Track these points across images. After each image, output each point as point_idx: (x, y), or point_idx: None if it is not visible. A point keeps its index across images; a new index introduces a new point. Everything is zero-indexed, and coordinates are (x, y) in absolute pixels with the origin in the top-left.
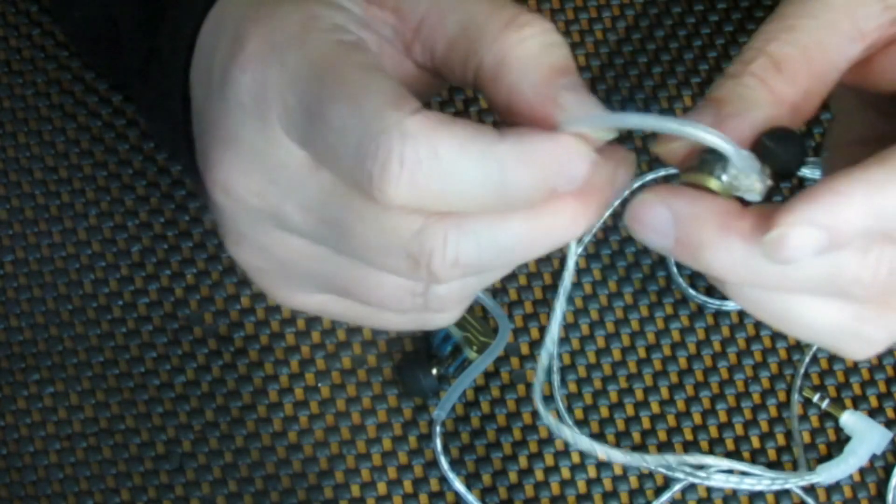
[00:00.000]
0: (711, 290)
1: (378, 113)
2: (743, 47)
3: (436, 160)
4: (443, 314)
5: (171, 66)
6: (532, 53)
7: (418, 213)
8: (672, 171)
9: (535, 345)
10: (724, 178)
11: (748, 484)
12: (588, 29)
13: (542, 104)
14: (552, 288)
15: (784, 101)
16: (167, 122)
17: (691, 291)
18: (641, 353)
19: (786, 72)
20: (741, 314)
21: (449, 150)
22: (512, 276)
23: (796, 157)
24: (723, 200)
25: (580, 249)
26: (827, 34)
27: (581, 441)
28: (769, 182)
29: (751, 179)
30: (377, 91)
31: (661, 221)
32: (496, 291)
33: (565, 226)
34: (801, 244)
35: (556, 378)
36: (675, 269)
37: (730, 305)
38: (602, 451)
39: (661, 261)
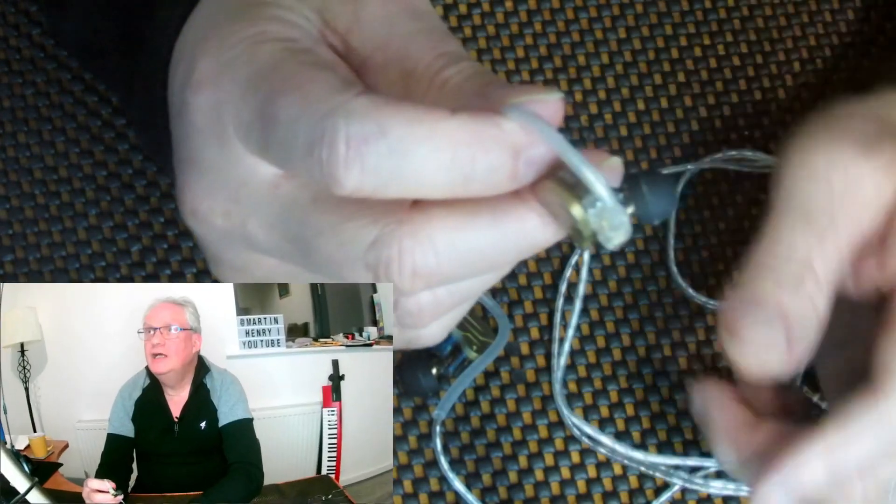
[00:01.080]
0: (711, 291)
1: (324, 99)
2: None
3: (383, 138)
4: (422, 331)
5: (152, 85)
6: (456, 84)
7: (374, 224)
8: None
9: (535, 344)
10: (591, 211)
11: (745, 490)
12: (588, 29)
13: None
14: (552, 288)
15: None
16: (155, 137)
17: (691, 291)
18: (641, 352)
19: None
20: None
21: (396, 127)
22: (512, 276)
23: (665, 208)
24: (742, 413)
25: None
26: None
27: None
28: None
29: (616, 223)
30: (323, 80)
31: (697, 403)
32: (496, 291)
33: (533, 231)
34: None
35: (556, 378)
36: (675, 269)
37: None
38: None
39: (661, 261)
